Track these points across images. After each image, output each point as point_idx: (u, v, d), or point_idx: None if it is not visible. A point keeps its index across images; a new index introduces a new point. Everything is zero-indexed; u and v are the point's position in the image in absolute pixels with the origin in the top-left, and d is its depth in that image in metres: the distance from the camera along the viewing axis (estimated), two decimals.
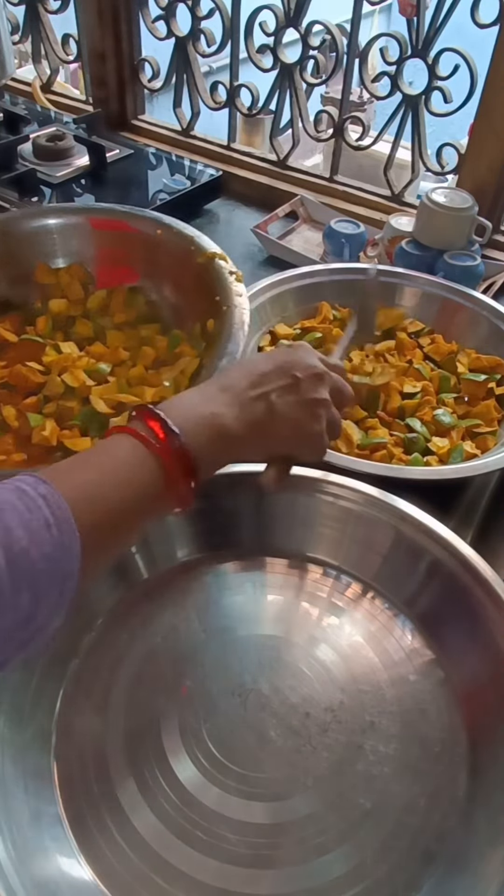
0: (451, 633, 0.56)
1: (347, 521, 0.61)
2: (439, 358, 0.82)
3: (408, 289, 0.90)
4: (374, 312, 0.83)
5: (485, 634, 0.53)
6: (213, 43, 1.15)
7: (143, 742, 0.51)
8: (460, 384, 0.79)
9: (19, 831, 0.45)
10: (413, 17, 0.98)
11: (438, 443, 0.71)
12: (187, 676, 0.54)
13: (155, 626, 0.58)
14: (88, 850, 0.46)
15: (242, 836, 0.46)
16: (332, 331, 0.84)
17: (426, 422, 0.74)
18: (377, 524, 0.60)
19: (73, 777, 0.49)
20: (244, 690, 0.53)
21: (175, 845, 0.46)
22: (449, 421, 0.73)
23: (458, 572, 0.55)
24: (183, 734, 0.51)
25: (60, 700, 0.53)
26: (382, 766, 0.49)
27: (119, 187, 1.16)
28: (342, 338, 0.64)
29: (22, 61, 2.01)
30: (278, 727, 0.51)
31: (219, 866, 0.45)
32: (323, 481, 0.61)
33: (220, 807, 0.47)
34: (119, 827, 0.47)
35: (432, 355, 0.83)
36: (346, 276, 0.89)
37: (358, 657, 0.56)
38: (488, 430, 0.74)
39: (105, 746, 0.51)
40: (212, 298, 0.72)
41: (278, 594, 0.61)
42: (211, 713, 0.52)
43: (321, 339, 0.82)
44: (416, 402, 0.75)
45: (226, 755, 0.50)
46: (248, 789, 0.48)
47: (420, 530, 0.58)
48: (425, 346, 0.84)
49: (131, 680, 0.54)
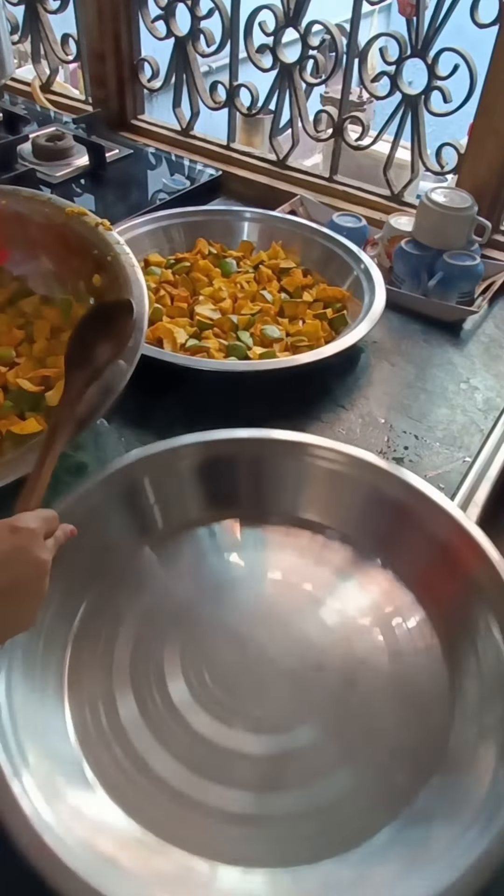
0: (399, 548, 0.62)
1: (332, 481, 0.66)
2: (291, 289, 0.95)
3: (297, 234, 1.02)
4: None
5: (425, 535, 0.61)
6: (213, 43, 1.15)
7: (150, 686, 0.54)
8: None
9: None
10: (413, 16, 0.98)
11: (257, 350, 0.83)
12: (187, 627, 0.58)
13: (158, 581, 0.61)
14: (113, 792, 0.49)
15: (248, 765, 0.50)
16: (199, 262, 0.96)
17: (255, 335, 0.85)
18: (356, 482, 0.65)
19: (87, 724, 0.52)
20: (242, 638, 0.57)
21: (188, 778, 0.49)
22: (276, 335, 0.85)
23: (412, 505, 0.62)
24: (188, 679, 0.54)
25: (72, 641, 0.56)
26: (374, 695, 0.54)
27: (118, 187, 1.16)
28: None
29: (21, 61, 2.01)
30: (277, 668, 0.55)
31: (227, 790, 0.49)
32: (312, 445, 0.67)
33: (225, 740, 0.51)
34: (136, 768, 0.50)
35: (287, 287, 0.95)
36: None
37: (346, 603, 0.60)
38: (308, 345, 0.84)
39: (114, 691, 0.54)
40: (88, 254, 0.71)
41: (272, 551, 0.65)
42: (212, 659, 0.56)
43: (189, 268, 0.95)
44: (246, 319, 0.87)
45: (228, 694, 0.53)
46: (252, 724, 0.52)
47: (397, 484, 0.63)
48: (283, 280, 0.96)
49: (136, 630, 0.57)
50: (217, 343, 0.84)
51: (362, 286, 0.91)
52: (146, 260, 0.96)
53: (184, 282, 0.93)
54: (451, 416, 0.81)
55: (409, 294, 0.97)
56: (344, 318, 0.90)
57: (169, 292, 0.91)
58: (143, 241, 0.97)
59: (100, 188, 1.15)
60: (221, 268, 0.96)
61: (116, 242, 0.71)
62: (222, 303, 0.90)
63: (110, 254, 0.70)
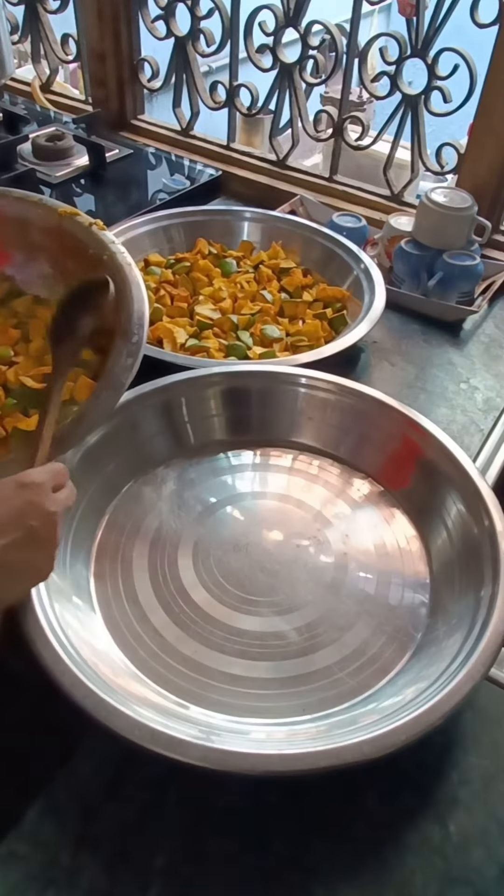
0: (370, 454, 0.72)
1: (325, 408, 0.74)
2: (291, 289, 0.95)
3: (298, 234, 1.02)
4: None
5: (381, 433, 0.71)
6: (213, 43, 1.15)
7: (176, 600, 0.61)
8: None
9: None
10: (412, 16, 0.98)
11: (257, 350, 0.84)
12: (198, 535, 0.66)
13: (171, 497, 0.69)
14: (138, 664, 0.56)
15: (251, 640, 0.58)
16: (199, 261, 0.96)
17: (255, 335, 0.86)
18: (344, 408, 0.73)
19: (113, 613, 0.59)
20: (245, 543, 0.65)
21: (206, 653, 0.57)
22: (276, 335, 0.85)
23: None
24: (208, 588, 0.61)
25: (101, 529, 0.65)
26: (365, 581, 0.62)
27: (118, 187, 1.16)
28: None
29: (21, 61, 2.01)
30: (278, 561, 0.64)
31: (231, 660, 0.56)
32: (304, 376, 0.75)
33: (261, 626, 0.59)
34: (188, 668, 0.56)
35: (287, 287, 0.96)
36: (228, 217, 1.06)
37: (333, 506, 0.69)
38: (308, 345, 0.85)
39: (135, 584, 0.62)
40: (84, 255, 0.71)
41: (269, 471, 0.73)
42: (221, 558, 0.64)
43: (189, 268, 0.95)
44: (247, 319, 0.88)
45: (236, 585, 0.61)
46: (276, 609, 0.60)
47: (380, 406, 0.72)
48: (283, 280, 0.97)
49: (150, 550, 0.65)
50: (217, 343, 0.84)
51: (362, 286, 0.91)
52: (146, 260, 0.96)
53: (184, 282, 0.93)
54: (451, 416, 0.81)
55: (408, 294, 0.97)
56: (344, 317, 0.90)
57: (169, 292, 0.91)
58: (143, 241, 0.97)
59: (100, 188, 1.15)
60: (221, 268, 0.96)
61: (111, 242, 0.71)
62: (222, 303, 0.90)
63: (105, 253, 0.70)
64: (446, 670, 0.51)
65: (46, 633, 0.50)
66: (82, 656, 0.50)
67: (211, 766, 0.44)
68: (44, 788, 0.48)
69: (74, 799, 0.48)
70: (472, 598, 0.57)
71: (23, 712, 0.51)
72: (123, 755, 0.49)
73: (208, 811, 0.48)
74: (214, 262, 0.97)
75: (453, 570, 0.61)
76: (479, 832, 0.48)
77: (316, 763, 0.45)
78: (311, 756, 0.45)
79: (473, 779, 0.51)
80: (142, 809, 0.48)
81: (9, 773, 0.49)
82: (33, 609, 0.52)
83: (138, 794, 0.49)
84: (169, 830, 0.47)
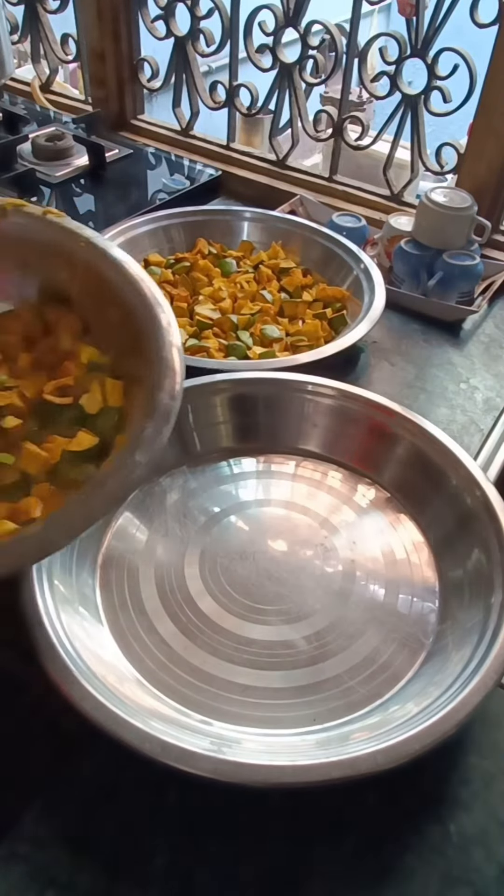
0: (384, 463, 0.71)
1: (330, 415, 0.74)
2: (291, 289, 0.95)
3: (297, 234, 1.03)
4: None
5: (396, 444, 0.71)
6: (213, 43, 1.15)
7: (182, 608, 0.60)
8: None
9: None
10: (412, 16, 0.98)
11: (257, 350, 0.84)
12: (204, 544, 0.65)
13: (175, 507, 0.69)
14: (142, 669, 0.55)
15: (260, 649, 0.57)
16: (198, 261, 0.96)
17: (255, 335, 0.86)
18: (351, 415, 0.73)
19: (120, 623, 0.58)
20: (252, 551, 0.64)
21: (215, 663, 0.56)
22: (276, 335, 0.85)
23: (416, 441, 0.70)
24: (214, 596, 0.61)
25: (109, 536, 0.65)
26: (374, 588, 0.62)
27: (118, 187, 1.16)
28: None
29: (21, 61, 2.01)
30: (285, 569, 0.63)
31: (240, 669, 0.56)
32: (310, 383, 0.74)
33: (240, 629, 0.58)
34: (198, 680, 0.55)
35: (287, 287, 0.96)
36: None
37: (341, 516, 0.68)
38: (308, 345, 0.85)
39: (141, 593, 0.61)
40: (32, 254, 0.61)
41: (273, 478, 0.73)
42: (227, 567, 0.63)
43: (189, 268, 0.95)
44: (247, 319, 0.88)
45: (243, 593, 0.61)
46: (283, 617, 0.59)
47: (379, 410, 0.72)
48: (283, 280, 0.97)
49: (160, 535, 0.65)
50: (217, 343, 0.84)
51: (362, 286, 0.91)
52: (146, 260, 0.96)
53: (184, 282, 0.93)
54: (451, 415, 0.81)
55: (408, 294, 0.97)
56: (343, 317, 0.90)
57: (169, 292, 0.91)
58: (143, 241, 0.98)
59: (100, 188, 1.15)
60: (221, 268, 0.96)
61: (79, 228, 0.61)
62: (222, 303, 0.90)
63: (81, 241, 0.60)
64: (458, 678, 0.51)
65: (55, 644, 0.50)
66: (90, 668, 0.50)
67: (223, 778, 0.44)
68: (44, 788, 0.48)
69: (74, 799, 0.48)
70: (483, 605, 0.56)
71: (23, 712, 0.51)
72: (124, 755, 0.49)
73: (208, 811, 0.48)
74: (214, 262, 0.97)
75: (462, 576, 0.61)
76: (479, 832, 0.48)
77: (329, 774, 0.44)
78: (325, 767, 0.44)
79: (473, 779, 0.51)
80: (142, 810, 0.48)
81: (9, 774, 0.49)
82: (41, 620, 0.51)
83: (138, 794, 0.49)
84: (169, 831, 0.47)
